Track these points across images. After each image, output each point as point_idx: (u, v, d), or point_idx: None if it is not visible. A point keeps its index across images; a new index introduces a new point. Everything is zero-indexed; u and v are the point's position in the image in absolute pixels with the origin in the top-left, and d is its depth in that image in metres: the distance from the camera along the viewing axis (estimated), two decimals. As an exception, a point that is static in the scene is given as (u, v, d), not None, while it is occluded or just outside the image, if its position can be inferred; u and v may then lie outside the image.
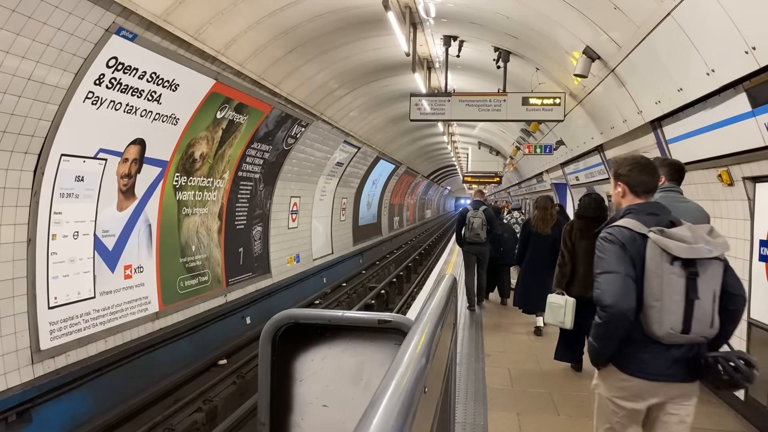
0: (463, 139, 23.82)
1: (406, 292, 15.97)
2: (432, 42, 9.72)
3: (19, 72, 4.77)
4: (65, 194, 5.83)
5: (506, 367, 5.96)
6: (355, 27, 8.60)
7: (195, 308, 8.63)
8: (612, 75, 6.29)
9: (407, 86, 11.92)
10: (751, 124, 4.08)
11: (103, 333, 6.53)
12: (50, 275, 5.73)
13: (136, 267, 7.23)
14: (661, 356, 2.40)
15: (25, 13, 4.51)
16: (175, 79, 6.73)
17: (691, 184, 5.69)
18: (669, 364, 2.40)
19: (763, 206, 4.48)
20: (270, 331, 1.37)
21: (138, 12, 5.45)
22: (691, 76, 4.69)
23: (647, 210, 2.50)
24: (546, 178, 16.02)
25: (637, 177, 2.57)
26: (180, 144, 7.67)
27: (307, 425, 1.38)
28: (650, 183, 2.59)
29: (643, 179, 2.57)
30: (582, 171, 10.76)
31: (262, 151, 10.22)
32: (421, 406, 0.81)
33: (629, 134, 7.01)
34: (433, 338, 1.10)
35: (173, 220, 8.11)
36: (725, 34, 3.89)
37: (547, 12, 6.53)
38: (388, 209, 27.05)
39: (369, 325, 1.38)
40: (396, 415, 0.66)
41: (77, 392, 6.08)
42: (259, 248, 11.22)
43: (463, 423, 4.43)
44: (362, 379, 1.37)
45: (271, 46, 7.98)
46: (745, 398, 4.67)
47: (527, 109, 8.08)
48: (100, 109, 5.87)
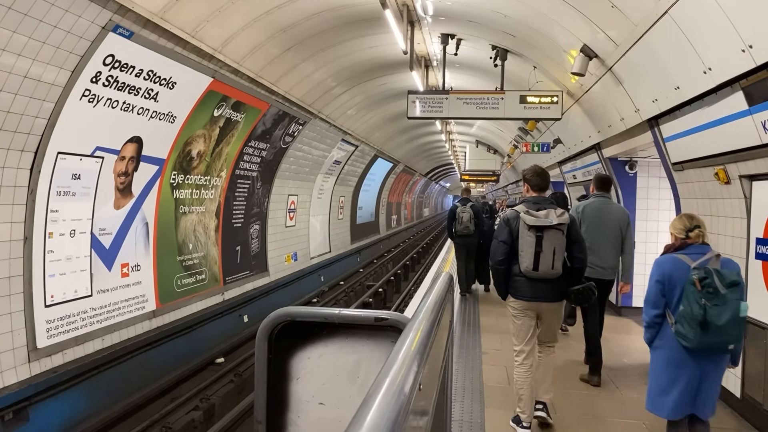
0: (461, 138, 23.83)
1: (404, 290, 15.99)
2: (430, 40, 9.72)
3: (16, 69, 4.75)
4: (62, 192, 5.82)
5: (503, 365, 5.97)
6: (353, 25, 8.59)
7: (192, 306, 8.62)
8: (609, 73, 6.30)
9: (405, 84, 11.91)
10: (747, 122, 4.09)
11: (100, 331, 6.52)
12: (47, 273, 5.72)
13: (133, 265, 7.22)
14: (530, 287, 4.08)
15: (21, 11, 4.50)
16: (172, 77, 6.72)
17: (687, 183, 5.71)
18: (535, 291, 4.08)
19: (760, 204, 4.49)
20: (266, 330, 1.37)
21: (135, 10, 5.44)
22: (688, 75, 4.70)
23: (534, 200, 4.16)
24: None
25: (532, 180, 4.24)
26: (177, 142, 7.66)
27: (304, 423, 1.38)
28: (541, 183, 4.24)
29: (536, 181, 4.23)
30: (579, 169, 10.78)
31: (259, 149, 10.21)
32: (416, 403, 0.81)
33: (626, 132, 7.02)
34: (429, 336, 1.10)
35: (170, 219, 8.10)
36: (722, 33, 3.90)
37: (545, 10, 6.54)
38: (386, 208, 27.06)
39: (366, 323, 1.38)
40: (390, 412, 0.66)
41: (74, 391, 6.07)
42: (257, 246, 11.21)
43: (460, 421, 4.44)
44: (359, 377, 1.37)
45: (269, 44, 7.96)
46: (741, 395, 4.69)
47: (525, 108, 8.08)
48: (96, 107, 5.86)
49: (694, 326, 3.13)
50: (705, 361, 3.30)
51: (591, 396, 5.14)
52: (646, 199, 8.66)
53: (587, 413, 4.74)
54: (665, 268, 3.36)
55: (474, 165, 22.39)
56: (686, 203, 5.91)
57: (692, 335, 3.14)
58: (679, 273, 3.26)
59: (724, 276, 3.12)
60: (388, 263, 20.98)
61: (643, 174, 8.69)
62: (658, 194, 8.55)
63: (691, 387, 3.34)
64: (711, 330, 3.09)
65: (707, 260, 3.23)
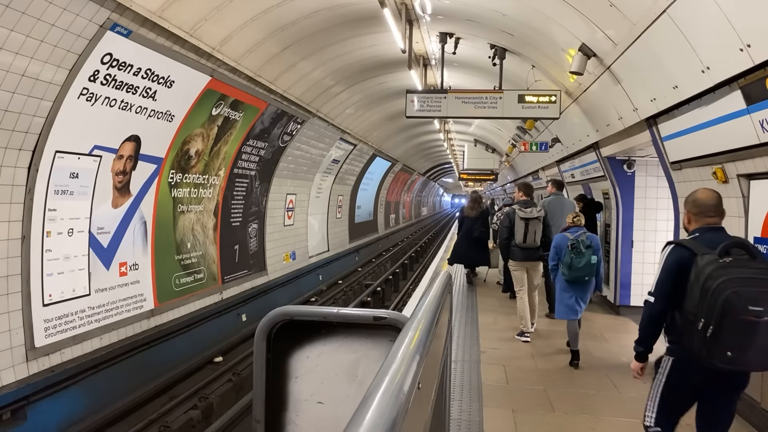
0: (459, 137, 23.83)
1: (402, 289, 15.99)
2: (428, 39, 9.71)
3: (13, 68, 4.74)
4: (60, 191, 5.81)
5: (502, 364, 5.98)
6: (351, 24, 8.58)
7: (190, 305, 8.61)
8: (608, 72, 6.30)
9: (403, 83, 11.90)
10: (745, 121, 4.09)
11: (98, 330, 6.51)
12: (45, 272, 5.71)
13: (131, 264, 7.21)
14: (522, 253, 7.03)
15: (19, 9, 4.48)
16: (171, 75, 6.70)
17: (685, 182, 5.71)
18: (526, 255, 7.03)
19: (758, 203, 4.50)
20: (265, 329, 1.37)
21: (133, 8, 5.43)
22: (686, 74, 4.71)
23: (524, 203, 7.12)
24: (542, 176, 16.05)
25: (524, 190, 7.39)
26: (175, 141, 7.65)
27: (302, 422, 1.38)
28: (528, 192, 7.42)
29: (526, 191, 7.39)
30: (578, 168, 10.78)
31: (257, 148, 10.20)
32: (414, 402, 0.81)
33: (625, 132, 7.02)
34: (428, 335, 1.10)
35: (168, 218, 8.09)
36: (720, 32, 3.90)
37: (544, 9, 6.54)
38: (384, 207, 27.05)
39: (364, 321, 1.38)
40: (389, 411, 0.66)
41: (72, 390, 6.07)
42: (255, 245, 11.20)
43: (459, 420, 4.45)
44: (357, 376, 1.37)
45: (267, 42, 7.96)
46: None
47: (523, 107, 8.08)
48: (94, 105, 5.84)
49: (567, 267, 5.84)
50: (577, 287, 5.95)
51: (590, 395, 5.15)
52: (644, 198, 8.67)
53: (585, 412, 4.75)
54: (558, 240, 6.04)
55: (472, 164, 22.38)
56: (684, 202, 5.91)
57: (567, 273, 5.86)
58: (564, 242, 5.93)
59: (584, 242, 5.83)
60: (386, 262, 20.98)
61: (641, 173, 8.70)
62: (656, 193, 8.55)
63: (572, 301, 5.97)
64: (575, 270, 5.80)
65: (579, 235, 5.92)
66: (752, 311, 2.53)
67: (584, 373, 5.74)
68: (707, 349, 2.64)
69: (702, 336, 2.64)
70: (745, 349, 2.58)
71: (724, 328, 2.57)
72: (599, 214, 9.65)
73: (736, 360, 2.60)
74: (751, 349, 2.58)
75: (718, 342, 2.60)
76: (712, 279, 2.63)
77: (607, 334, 7.35)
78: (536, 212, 6.94)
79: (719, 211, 3.02)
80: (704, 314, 2.63)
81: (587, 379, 5.55)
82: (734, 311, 2.55)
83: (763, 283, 2.59)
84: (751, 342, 2.57)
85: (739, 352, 2.58)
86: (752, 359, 2.63)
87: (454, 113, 8.60)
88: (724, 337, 2.58)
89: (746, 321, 2.54)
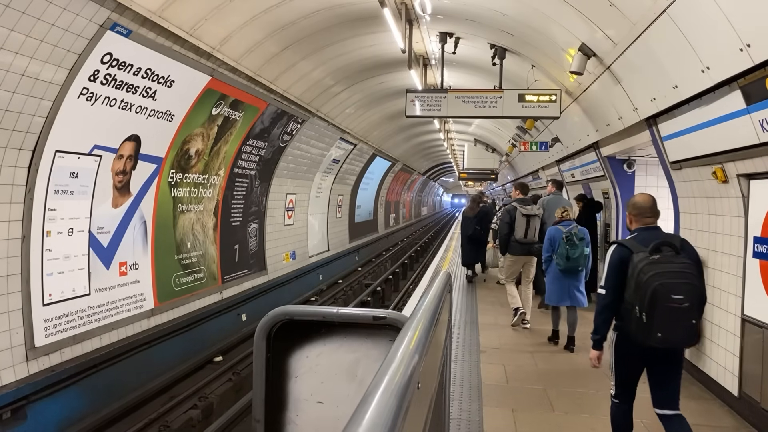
0: (459, 136, 23.83)
1: (402, 289, 15.99)
2: (428, 39, 9.71)
3: (13, 68, 4.74)
4: (60, 191, 5.81)
5: (501, 363, 5.98)
6: (351, 23, 8.58)
7: (190, 305, 8.61)
8: (607, 72, 6.30)
9: (403, 83, 11.90)
10: (745, 121, 4.09)
11: (98, 330, 6.51)
12: (45, 272, 5.71)
13: (131, 264, 7.21)
14: (520, 247, 7.37)
15: (19, 9, 4.48)
16: (171, 75, 6.70)
17: (685, 181, 5.72)
18: (524, 250, 7.38)
19: (757, 203, 4.50)
20: (265, 328, 1.37)
21: (133, 8, 5.43)
22: (686, 74, 4.71)
23: (522, 200, 7.55)
24: (542, 175, 16.05)
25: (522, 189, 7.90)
26: (175, 140, 7.65)
27: (302, 422, 1.38)
28: (525, 190, 7.98)
29: (523, 190, 7.90)
30: (578, 168, 10.78)
31: (257, 147, 10.20)
32: (414, 402, 0.81)
33: (624, 131, 7.02)
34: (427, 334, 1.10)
35: (168, 217, 8.09)
36: (720, 32, 3.90)
37: (543, 9, 6.54)
38: (384, 206, 27.05)
39: (364, 321, 1.38)
40: (388, 411, 0.67)
41: (72, 389, 6.07)
42: (255, 245, 11.20)
43: (458, 419, 4.45)
44: (357, 376, 1.37)
45: (267, 42, 7.95)
46: (739, 394, 4.70)
47: (523, 106, 8.08)
48: (94, 105, 5.84)
49: (562, 258, 6.28)
50: (570, 276, 6.38)
51: (589, 395, 5.15)
52: (644, 198, 8.66)
53: (585, 411, 4.75)
54: (551, 233, 6.49)
55: (472, 164, 22.34)
56: (684, 202, 5.92)
57: (562, 263, 6.30)
58: (558, 234, 6.39)
59: (577, 235, 6.31)
60: (386, 262, 20.98)
61: (641, 173, 8.71)
62: (656, 193, 8.43)
63: (565, 290, 6.40)
64: (570, 260, 6.26)
65: (571, 228, 6.38)
66: (674, 299, 3.10)
67: (584, 373, 5.74)
68: (642, 331, 3.19)
69: (638, 321, 3.20)
70: (671, 330, 3.14)
71: (654, 314, 3.12)
72: (599, 214, 9.65)
73: (665, 339, 3.16)
74: (676, 331, 3.15)
75: (650, 326, 3.15)
76: (644, 273, 3.17)
77: (606, 333, 7.35)
78: (536, 209, 7.45)
79: (654, 213, 3.51)
80: (638, 303, 3.17)
81: (587, 379, 5.55)
82: (660, 300, 3.10)
83: (683, 276, 3.15)
84: (675, 325, 3.14)
85: (667, 333, 3.14)
86: (678, 338, 3.21)
87: (454, 113, 8.60)
88: (654, 322, 3.13)
89: (670, 308, 3.10)
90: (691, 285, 3.16)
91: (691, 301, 3.14)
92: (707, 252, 5.41)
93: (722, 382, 5.00)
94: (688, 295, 3.13)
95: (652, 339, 3.18)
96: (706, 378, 5.34)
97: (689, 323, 3.16)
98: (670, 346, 3.28)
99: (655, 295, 3.11)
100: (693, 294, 3.16)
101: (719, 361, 5.08)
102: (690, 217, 5.80)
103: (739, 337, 4.71)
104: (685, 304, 3.12)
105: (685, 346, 3.45)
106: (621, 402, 3.56)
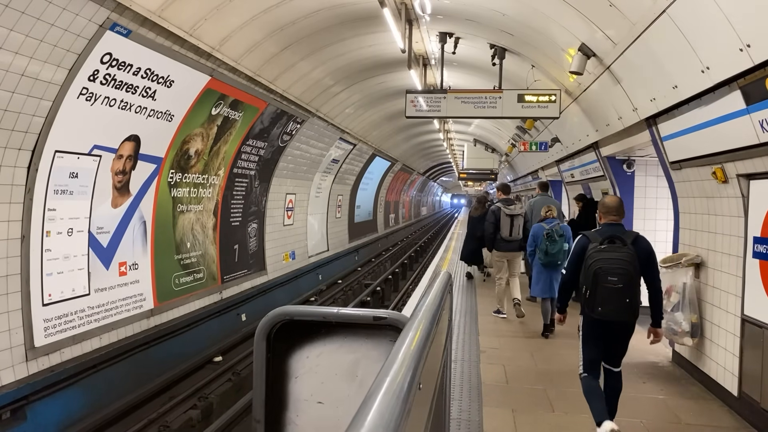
0: (459, 136, 23.83)
1: (402, 289, 15.99)
2: (428, 39, 9.71)
3: (13, 68, 4.74)
4: (59, 191, 5.80)
5: (501, 363, 5.98)
6: (351, 24, 8.57)
7: (190, 305, 8.61)
8: (607, 72, 6.30)
9: (403, 83, 11.90)
10: (745, 121, 4.09)
11: (97, 330, 6.51)
12: (44, 272, 5.70)
13: (130, 264, 7.21)
14: (506, 245, 7.92)
15: (19, 9, 4.48)
16: (170, 75, 6.70)
17: (685, 182, 5.72)
18: (509, 247, 7.92)
19: (757, 203, 4.50)
20: (265, 328, 1.37)
21: (132, 8, 5.43)
22: (686, 74, 4.71)
23: (506, 201, 8.05)
24: (541, 175, 16.05)
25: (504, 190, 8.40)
26: (175, 140, 7.65)
27: (302, 422, 1.38)
28: (507, 191, 8.44)
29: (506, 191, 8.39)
30: (577, 168, 10.78)
31: (257, 147, 10.20)
32: (415, 403, 0.81)
33: (624, 131, 7.02)
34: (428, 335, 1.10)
35: (168, 217, 8.09)
36: (720, 32, 3.90)
37: (543, 9, 6.54)
38: (384, 206, 27.05)
39: (364, 321, 1.38)
40: (390, 412, 0.66)
41: (72, 389, 6.06)
42: (255, 245, 11.20)
43: (458, 419, 4.45)
44: (357, 376, 1.37)
45: (267, 42, 7.95)
46: (739, 394, 4.70)
47: (523, 106, 8.08)
48: (94, 105, 5.84)
49: (543, 253, 7.01)
50: (551, 270, 7.07)
51: (589, 394, 5.14)
52: (643, 198, 8.68)
53: (585, 411, 4.74)
54: (535, 230, 7.25)
55: (472, 164, 22.34)
56: (684, 202, 5.92)
57: (542, 257, 7.03)
58: (540, 231, 7.12)
59: (557, 231, 6.99)
60: (386, 262, 20.97)
61: (640, 173, 8.71)
62: (656, 193, 8.56)
63: (547, 283, 7.10)
64: (550, 255, 6.95)
65: (553, 225, 7.05)
66: (610, 281, 3.85)
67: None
68: (588, 305, 3.98)
69: (585, 297, 3.99)
70: (608, 305, 3.88)
71: (595, 292, 3.90)
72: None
73: (604, 313, 3.90)
74: (611, 306, 3.88)
75: (593, 301, 3.92)
76: (591, 259, 3.95)
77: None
78: (518, 209, 7.98)
79: (619, 212, 4.17)
80: (585, 282, 3.97)
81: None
82: (599, 281, 3.87)
83: (620, 263, 3.86)
84: (611, 301, 3.87)
85: (605, 308, 3.89)
86: (613, 313, 3.90)
87: (453, 113, 8.60)
88: (596, 298, 3.90)
89: (606, 287, 3.86)
90: (625, 270, 3.84)
91: (624, 282, 3.82)
92: (707, 252, 5.41)
93: (722, 382, 5.00)
94: (621, 278, 3.83)
95: (594, 312, 3.93)
96: (706, 378, 5.34)
97: (623, 301, 3.86)
98: (607, 319, 3.94)
99: (596, 277, 3.88)
100: (626, 277, 3.83)
101: (719, 361, 5.08)
102: (690, 217, 5.81)
103: (739, 337, 4.71)
104: (619, 285, 3.82)
105: (622, 319, 3.97)
106: (589, 377, 4.11)
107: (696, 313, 5.47)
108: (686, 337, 5.50)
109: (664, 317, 5.70)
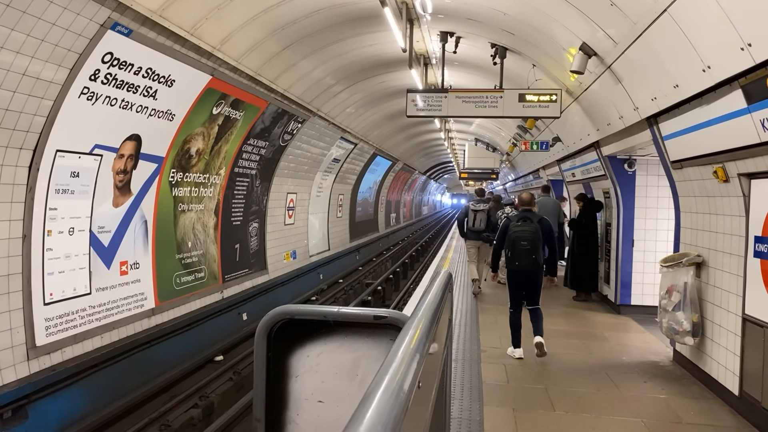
0: (460, 136, 23.82)
1: (403, 288, 15.99)
2: (429, 38, 9.71)
3: (14, 67, 4.74)
4: (60, 190, 5.81)
5: (502, 362, 5.98)
6: (352, 23, 8.57)
7: (191, 304, 8.62)
8: (608, 71, 6.30)
9: (404, 82, 11.89)
10: (746, 120, 4.09)
11: (99, 329, 6.52)
12: (46, 271, 5.71)
13: (132, 263, 7.22)
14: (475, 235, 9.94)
15: (20, 8, 4.48)
16: (171, 74, 6.70)
17: (686, 181, 5.71)
18: (475, 236, 9.93)
19: (758, 203, 4.50)
20: (265, 328, 1.37)
21: (133, 7, 5.43)
22: (687, 73, 4.70)
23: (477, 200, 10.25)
24: (542, 175, 16.04)
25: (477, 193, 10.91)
26: (176, 140, 7.65)
27: (303, 421, 1.38)
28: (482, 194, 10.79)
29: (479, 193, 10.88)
30: (578, 167, 10.77)
31: (258, 147, 10.20)
32: (415, 401, 0.81)
33: (625, 131, 7.02)
34: (428, 334, 1.10)
35: (169, 217, 8.09)
36: (721, 31, 3.90)
37: (544, 8, 6.53)
38: (385, 206, 27.05)
39: (365, 321, 1.38)
40: (389, 410, 0.67)
41: (73, 388, 6.07)
42: (256, 244, 11.21)
43: (459, 418, 4.45)
44: (358, 375, 1.37)
45: (267, 41, 7.95)
46: (740, 393, 4.70)
47: (524, 106, 8.07)
48: (95, 104, 5.85)
49: None
50: None
51: (590, 394, 5.15)
52: (645, 198, 8.67)
53: (586, 411, 4.75)
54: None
55: (473, 163, 22.32)
56: (685, 201, 5.92)
57: None
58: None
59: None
60: (387, 261, 20.97)
61: (642, 172, 8.70)
62: (657, 192, 8.55)
63: None
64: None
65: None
66: (522, 244, 6.12)
67: (585, 372, 5.75)
68: (509, 262, 6.31)
69: (507, 256, 6.31)
70: (521, 260, 6.14)
71: (513, 252, 6.19)
72: (599, 213, 9.64)
73: (520, 265, 6.16)
74: (523, 261, 6.13)
75: (512, 258, 6.22)
76: (510, 231, 6.27)
77: (607, 333, 7.36)
78: (482, 206, 9.83)
79: (530, 203, 6.60)
80: (507, 246, 6.27)
81: (588, 378, 5.55)
82: (515, 244, 6.17)
83: (528, 233, 6.15)
84: (523, 257, 6.13)
85: (519, 262, 6.16)
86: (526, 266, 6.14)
87: (454, 112, 8.60)
88: (513, 257, 6.20)
89: (521, 248, 6.13)
90: (531, 238, 6.11)
91: (531, 246, 6.09)
92: (708, 251, 5.41)
93: (723, 382, 5.00)
94: (529, 242, 6.10)
95: (513, 266, 6.23)
96: (706, 377, 5.34)
97: (531, 257, 6.10)
98: (521, 269, 6.16)
99: (514, 242, 6.18)
100: (532, 242, 6.09)
101: (720, 360, 5.08)
102: (691, 217, 5.80)
103: (740, 337, 4.71)
104: (528, 247, 6.09)
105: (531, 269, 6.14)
106: (514, 311, 6.24)
107: (697, 312, 5.47)
108: (687, 337, 5.49)
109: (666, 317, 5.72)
